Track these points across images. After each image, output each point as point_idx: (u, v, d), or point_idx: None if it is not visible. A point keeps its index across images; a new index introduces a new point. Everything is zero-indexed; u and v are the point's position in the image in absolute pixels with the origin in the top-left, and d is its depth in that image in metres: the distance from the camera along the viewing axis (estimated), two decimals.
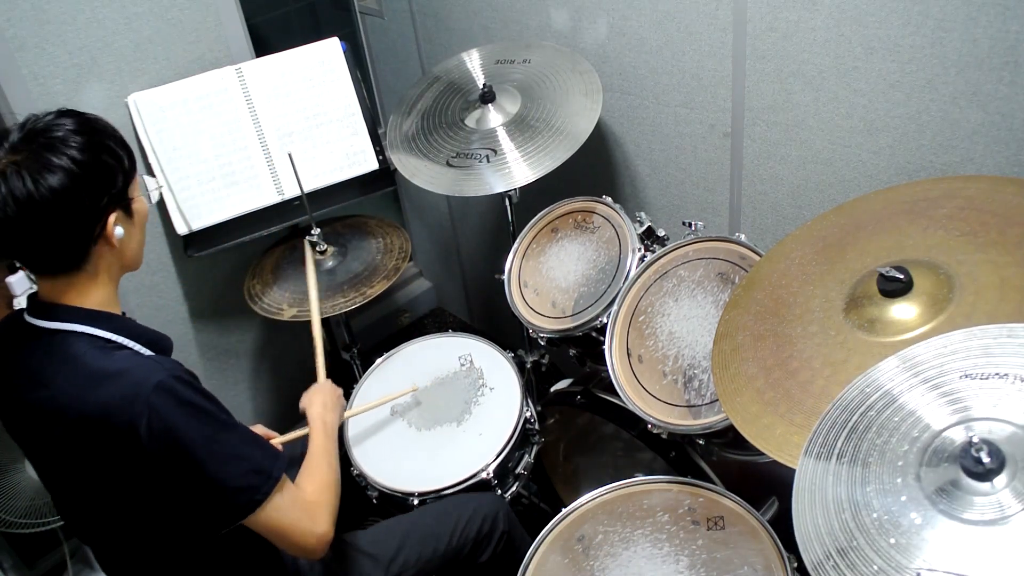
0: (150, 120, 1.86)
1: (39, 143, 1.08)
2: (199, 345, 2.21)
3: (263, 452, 1.20)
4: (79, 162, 1.09)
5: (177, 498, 1.17)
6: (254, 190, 1.95)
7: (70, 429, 1.13)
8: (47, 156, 1.07)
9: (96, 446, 1.13)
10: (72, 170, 1.08)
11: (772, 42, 1.52)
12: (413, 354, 1.90)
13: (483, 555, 1.55)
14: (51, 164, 1.07)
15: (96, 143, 1.12)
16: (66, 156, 1.08)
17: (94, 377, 1.12)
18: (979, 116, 1.30)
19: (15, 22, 1.69)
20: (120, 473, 1.15)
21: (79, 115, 1.14)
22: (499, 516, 1.57)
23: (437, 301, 3.16)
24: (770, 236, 1.72)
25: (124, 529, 1.25)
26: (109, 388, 1.10)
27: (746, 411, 1.15)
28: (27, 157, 1.07)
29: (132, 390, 1.09)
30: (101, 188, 1.13)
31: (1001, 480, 0.81)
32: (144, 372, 1.12)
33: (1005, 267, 1.05)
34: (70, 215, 1.10)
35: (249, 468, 1.17)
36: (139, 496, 1.18)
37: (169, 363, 1.17)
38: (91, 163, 1.11)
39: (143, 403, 1.09)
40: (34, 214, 1.07)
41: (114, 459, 1.14)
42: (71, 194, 1.08)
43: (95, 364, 1.13)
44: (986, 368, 0.89)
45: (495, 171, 1.72)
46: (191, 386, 1.15)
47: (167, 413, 1.10)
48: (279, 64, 1.96)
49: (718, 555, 1.29)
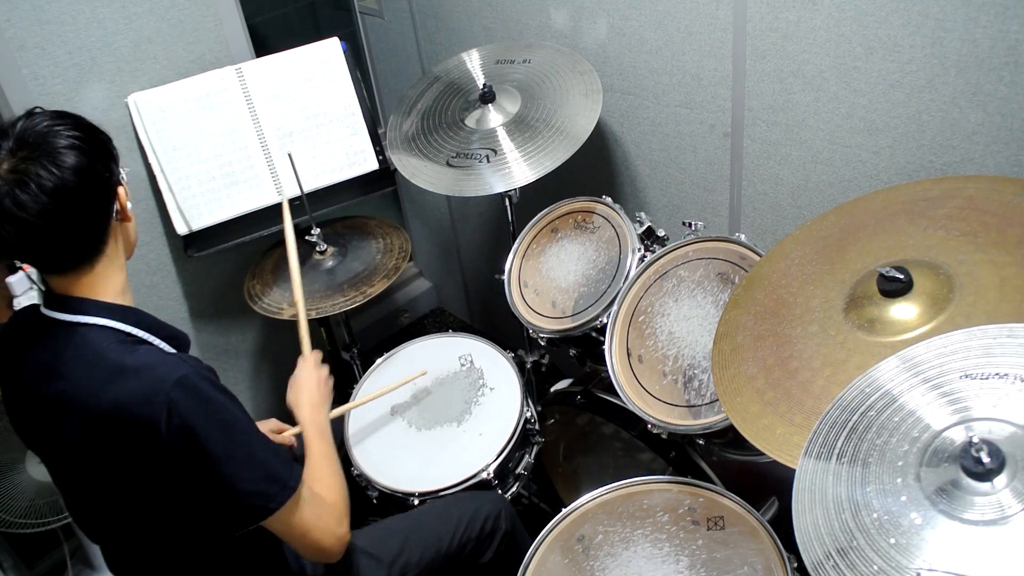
0: (150, 120, 1.86)
1: (34, 137, 1.08)
2: (199, 345, 2.21)
3: (280, 460, 1.20)
4: (81, 139, 1.10)
5: (191, 497, 1.16)
6: (254, 190, 1.95)
7: (87, 423, 1.13)
8: (51, 142, 1.07)
9: (113, 441, 1.12)
10: (81, 147, 1.09)
11: (772, 42, 1.52)
12: (413, 354, 1.90)
13: (485, 555, 1.55)
14: (58, 147, 1.07)
15: (81, 124, 1.13)
16: (67, 137, 1.08)
17: (115, 371, 1.11)
18: (979, 116, 1.30)
19: (15, 22, 1.69)
20: (136, 469, 1.14)
21: (43, 110, 1.14)
22: (501, 515, 1.56)
23: (437, 301, 3.16)
24: (770, 236, 1.72)
25: (134, 526, 1.24)
26: (130, 383, 1.10)
27: (746, 411, 1.15)
28: (33, 151, 1.06)
29: (154, 385, 1.09)
30: (107, 159, 1.14)
31: (1001, 480, 0.81)
32: (166, 368, 1.11)
33: (1005, 267, 1.05)
34: (94, 192, 1.11)
35: (265, 474, 1.16)
36: (153, 493, 1.17)
37: (191, 360, 1.16)
38: (90, 139, 1.11)
39: (164, 399, 1.08)
40: (67, 199, 1.07)
41: (131, 454, 1.13)
42: (90, 169, 1.09)
43: (116, 358, 1.12)
44: (986, 368, 0.89)
45: (495, 171, 1.72)
46: (213, 384, 1.14)
47: (187, 409, 1.09)
48: (279, 64, 1.96)
49: (718, 555, 1.29)
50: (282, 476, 1.18)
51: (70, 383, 1.13)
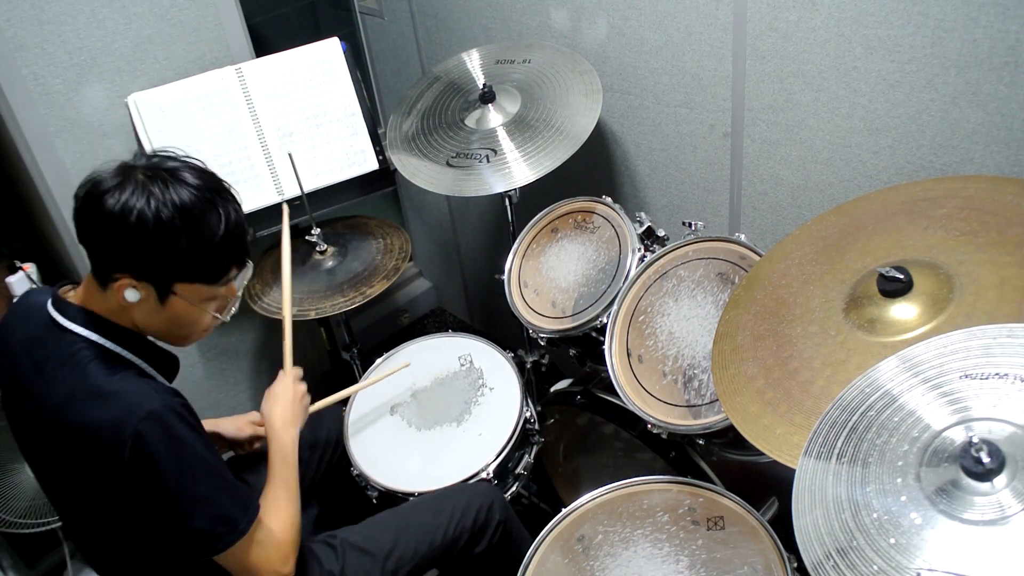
0: (150, 120, 1.86)
1: (164, 173, 1.15)
2: (199, 345, 2.20)
3: (237, 501, 1.22)
4: (209, 200, 1.16)
5: (144, 522, 1.20)
6: (254, 190, 1.95)
7: (55, 433, 1.16)
8: (175, 179, 1.15)
9: (77, 456, 1.16)
10: (203, 198, 1.15)
11: (772, 42, 1.52)
12: (413, 354, 1.90)
13: (479, 546, 1.54)
14: (183, 180, 1.15)
15: (222, 197, 1.19)
16: (196, 192, 1.15)
17: (90, 392, 1.14)
18: (979, 116, 1.30)
19: (15, 22, 1.69)
20: (100, 487, 1.18)
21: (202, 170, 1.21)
22: (494, 505, 1.55)
23: (437, 301, 3.16)
24: (770, 236, 1.72)
25: (105, 536, 1.27)
26: (101, 407, 1.12)
27: (746, 411, 1.15)
28: (164, 183, 1.13)
29: (123, 414, 1.11)
30: (218, 250, 1.19)
31: (1001, 480, 0.81)
32: (138, 398, 1.14)
33: (1005, 267, 1.05)
34: (188, 249, 1.15)
35: (215, 513, 1.18)
36: (116, 512, 1.21)
37: (168, 392, 1.19)
38: (218, 208, 1.18)
39: (132, 429, 1.11)
40: (180, 219, 1.13)
41: (95, 473, 1.16)
42: (199, 222, 1.15)
43: (95, 379, 1.15)
44: (986, 368, 0.89)
45: (495, 171, 1.72)
46: (183, 420, 1.16)
47: (152, 443, 1.12)
48: (279, 64, 1.96)
49: (718, 555, 1.29)
50: (234, 518, 1.20)
51: (48, 387, 1.16)
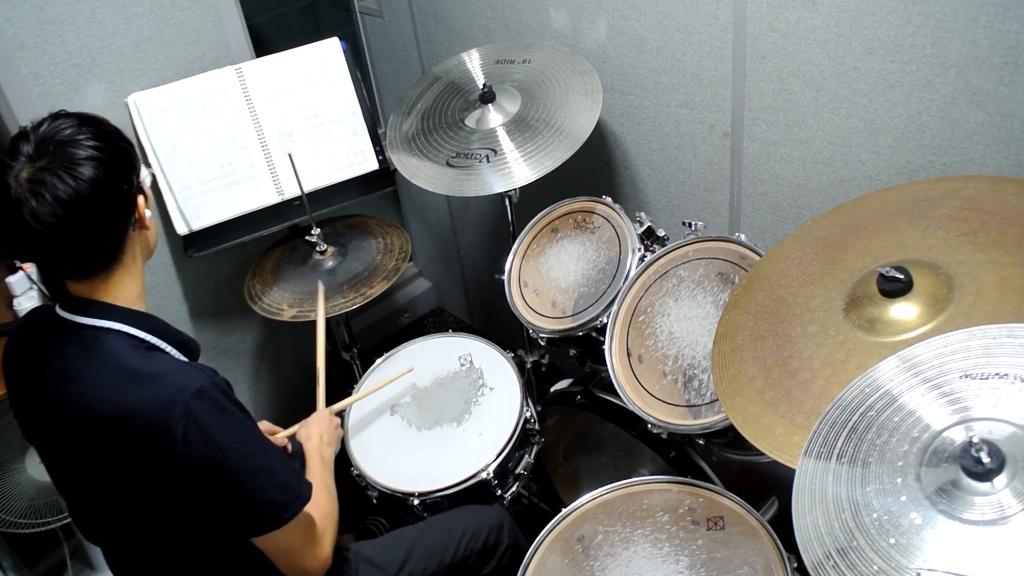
0: (150, 120, 1.86)
1: (55, 144, 1.08)
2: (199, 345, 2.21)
3: (291, 471, 1.21)
4: (102, 149, 1.10)
5: (203, 505, 1.16)
6: (254, 190, 1.95)
7: (96, 427, 1.12)
8: (70, 152, 1.07)
9: (122, 446, 1.12)
10: (100, 158, 1.09)
11: (772, 42, 1.52)
12: (413, 354, 1.90)
13: (487, 567, 1.56)
14: (78, 158, 1.07)
15: (104, 132, 1.13)
16: (87, 147, 1.08)
17: (131, 376, 1.11)
18: (979, 116, 1.30)
19: (15, 22, 1.69)
20: (145, 475, 1.14)
21: (74, 114, 1.14)
22: (504, 529, 1.57)
23: (437, 301, 3.16)
24: (770, 236, 1.72)
25: (139, 531, 1.24)
26: (146, 389, 1.10)
27: (746, 411, 1.15)
28: (52, 160, 1.06)
29: (172, 394, 1.09)
30: (127, 170, 1.14)
31: (1001, 480, 0.81)
32: (185, 377, 1.11)
33: (1005, 267, 1.05)
34: (111, 204, 1.11)
35: (280, 483, 1.18)
36: (162, 500, 1.17)
37: (208, 370, 1.16)
38: (111, 149, 1.11)
39: (183, 408, 1.08)
40: (81, 211, 1.07)
41: (140, 460, 1.12)
42: (107, 181, 1.09)
43: (132, 364, 1.12)
44: (986, 368, 0.89)
45: (495, 171, 1.72)
46: (228, 395, 1.15)
47: (206, 420, 1.09)
48: (279, 64, 1.96)
49: (718, 555, 1.29)
50: (294, 487, 1.20)
51: (80, 386, 1.13)
